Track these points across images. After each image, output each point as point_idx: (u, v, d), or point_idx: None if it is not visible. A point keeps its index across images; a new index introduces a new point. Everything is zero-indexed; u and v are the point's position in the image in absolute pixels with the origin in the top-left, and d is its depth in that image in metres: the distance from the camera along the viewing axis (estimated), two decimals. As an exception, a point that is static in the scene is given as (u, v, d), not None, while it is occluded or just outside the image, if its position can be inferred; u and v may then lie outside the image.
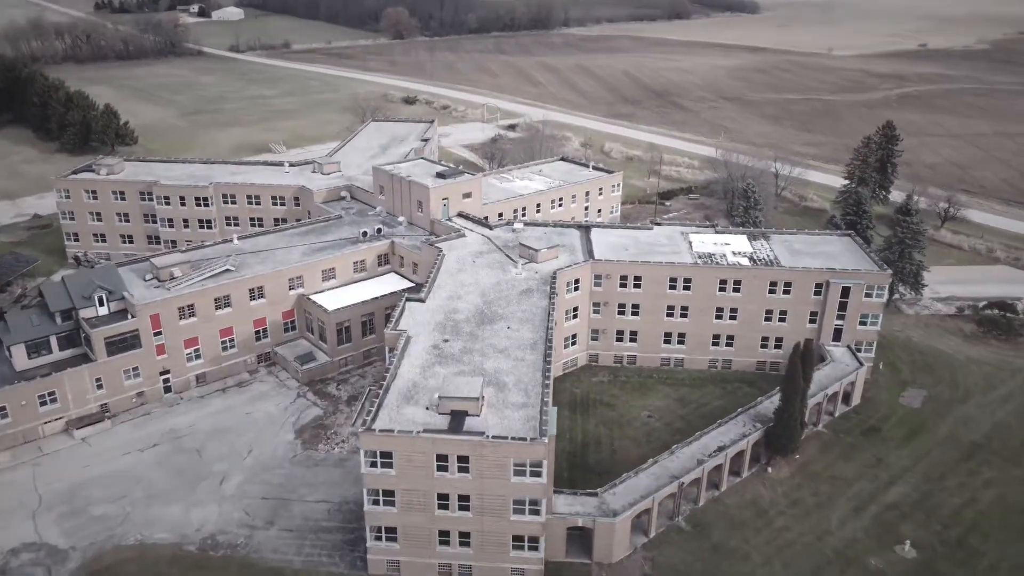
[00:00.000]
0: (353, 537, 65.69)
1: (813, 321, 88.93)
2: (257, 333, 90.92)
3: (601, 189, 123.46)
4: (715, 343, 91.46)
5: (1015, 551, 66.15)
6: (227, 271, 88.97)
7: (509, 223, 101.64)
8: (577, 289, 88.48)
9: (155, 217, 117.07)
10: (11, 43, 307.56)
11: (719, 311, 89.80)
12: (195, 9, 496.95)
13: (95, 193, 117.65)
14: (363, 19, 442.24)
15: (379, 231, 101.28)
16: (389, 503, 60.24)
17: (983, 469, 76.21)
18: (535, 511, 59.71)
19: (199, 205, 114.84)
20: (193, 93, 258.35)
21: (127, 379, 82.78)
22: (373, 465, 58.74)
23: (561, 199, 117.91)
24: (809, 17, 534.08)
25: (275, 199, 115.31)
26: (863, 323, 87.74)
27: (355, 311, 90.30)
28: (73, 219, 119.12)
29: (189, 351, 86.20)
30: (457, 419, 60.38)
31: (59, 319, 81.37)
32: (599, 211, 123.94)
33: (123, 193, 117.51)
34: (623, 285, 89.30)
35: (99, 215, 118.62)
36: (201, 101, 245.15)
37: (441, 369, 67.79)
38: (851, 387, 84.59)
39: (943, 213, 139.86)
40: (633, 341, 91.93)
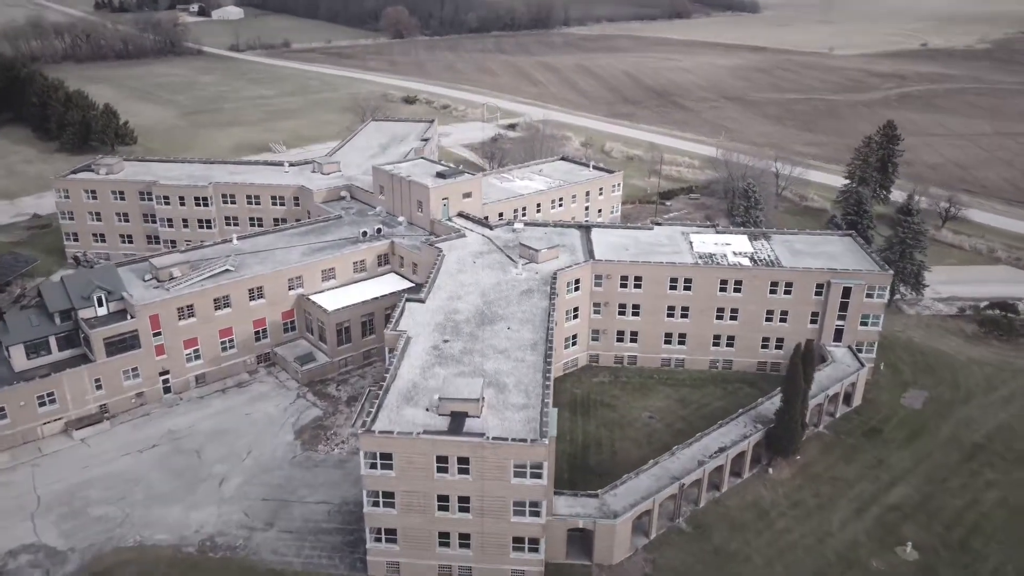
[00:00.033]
0: (353, 539, 65.50)
1: (814, 322, 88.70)
2: (257, 333, 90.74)
3: (601, 189, 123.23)
4: (716, 343, 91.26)
5: (1018, 553, 65.93)
6: (226, 271, 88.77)
7: (509, 223, 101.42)
8: (577, 289, 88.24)
9: (155, 217, 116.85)
10: (10, 42, 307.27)
11: (720, 311, 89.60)
12: (195, 8, 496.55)
13: (94, 193, 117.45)
14: (363, 18, 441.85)
15: (379, 231, 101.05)
16: (389, 504, 60.09)
17: (985, 470, 75.99)
18: (535, 513, 59.55)
19: (198, 205, 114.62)
20: (193, 93, 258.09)
21: (126, 380, 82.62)
22: (373, 467, 58.56)
23: (561, 199, 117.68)
24: (810, 16, 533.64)
25: (275, 199, 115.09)
26: (864, 323, 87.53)
27: (355, 311, 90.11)
28: (72, 219, 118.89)
29: (188, 352, 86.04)
30: (457, 420, 60.19)
31: (58, 319, 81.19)
32: (599, 211, 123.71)
33: (122, 193, 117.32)
34: (623, 285, 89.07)
35: (98, 215, 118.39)
36: (201, 101, 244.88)
37: (441, 370, 67.58)
38: (852, 388, 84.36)
39: (944, 213, 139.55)
40: (634, 341, 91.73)
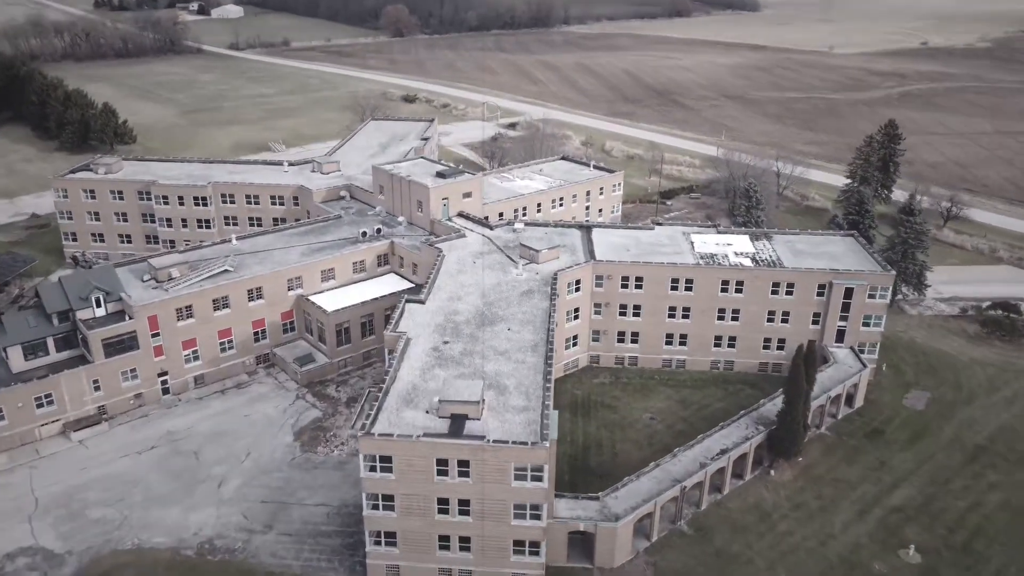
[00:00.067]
0: (352, 541, 65.10)
1: (816, 322, 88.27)
2: (256, 334, 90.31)
3: (602, 188, 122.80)
4: (717, 344, 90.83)
5: (1021, 555, 65.50)
6: (225, 272, 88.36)
7: (510, 223, 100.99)
8: (578, 290, 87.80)
9: (153, 217, 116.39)
10: (10, 41, 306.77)
11: (721, 312, 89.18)
12: (194, 7, 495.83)
13: (93, 192, 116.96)
14: (363, 17, 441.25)
15: (379, 231, 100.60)
16: (388, 507, 59.66)
17: (988, 472, 75.59)
18: (536, 516, 59.15)
19: (197, 205, 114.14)
20: (192, 91, 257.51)
21: (125, 381, 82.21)
22: (372, 469, 58.14)
23: (562, 199, 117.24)
24: (810, 15, 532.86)
25: (274, 199, 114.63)
26: (866, 324, 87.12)
27: (354, 312, 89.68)
28: (71, 219, 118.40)
29: (187, 352, 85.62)
30: (457, 423, 59.81)
31: (56, 320, 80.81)
32: (600, 210, 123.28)
33: (121, 193, 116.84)
34: (624, 286, 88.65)
35: (97, 215, 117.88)
36: (200, 99, 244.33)
37: (441, 372, 67.19)
38: (854, 389, 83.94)
39: (946, 212, 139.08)
40: (635, 342, 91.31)
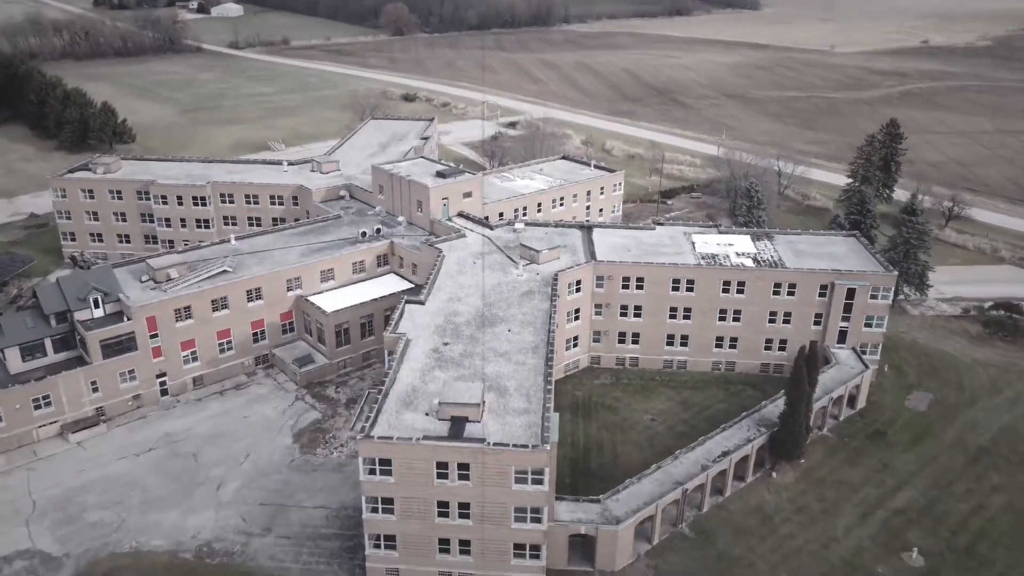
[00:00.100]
0: (352, 544, 64.69)
1: (818, 323, 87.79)
2: (255, 335, 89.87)
3: (603, 188, 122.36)
4: (718, 345, 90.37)
5: (1024, 558, 65.25)
6: (224, 272, 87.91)
7: (510, 223, 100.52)
8: (579, 291, 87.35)
9: (152, 216, 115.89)
10: (9, 39, 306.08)
11: (722, 313, 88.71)
12: (194, 5, 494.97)
13: (91, 192, 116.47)
14: (363, 15, 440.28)
15: (378, 231, 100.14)
16: (388, 511, 59.29)
17: (991, 474, 75.17)
18: (536, 519, 58.74)
19: (196, 204, 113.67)
20: (192, 90, 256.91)
21: (123, 382, 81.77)
22: (372, 472, 57.75)
23: (562, 198, 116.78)
24: (810, 14, 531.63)
25: (273, 198, 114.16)
26: (868, 325, 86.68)
27: (354, 313, 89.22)
28: (69, 218, 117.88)
29: (186, 353, 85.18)
30: (457, 425, 59.37)
31: (54, 321, 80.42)
32: (600, 210, 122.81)
33: (120, 192, 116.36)
34: (625, 286, 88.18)
35: (96, 214, 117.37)
36: (200, 98, 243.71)
37: (441, 373, 66.74)
38: (856, 390, 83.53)
39: (947, 212, 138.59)
40: (635, 343, 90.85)
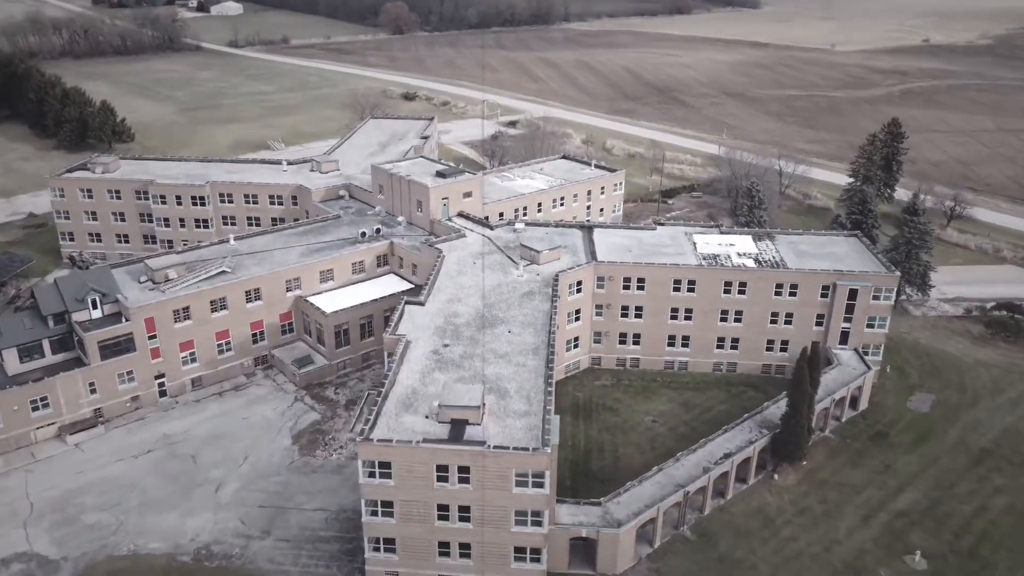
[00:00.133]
0: (351, 547, 64.32)
1: (819, 324, 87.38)
2: (254, 336, 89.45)
3: (603, 188, 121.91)
4: (720, 346, 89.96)
5: (1027, 561, 64.88)
6: (223, 273, 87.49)
7: (510, 223, 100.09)
8: (579, 291, 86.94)
9: (151, 216, 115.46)
10: (8, 38, 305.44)
11: (724, 313, 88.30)
12: (193, 4, 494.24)
13: (90, 192, 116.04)
14: (362, 14, 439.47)
15: (378, 231, 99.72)
16: (388, 514, 58.93)
17: (993, 476, 74.81)
18: (537, 522, 58.39)
19: (195, 204, 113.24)
20: (191, 89, 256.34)
21: (121, 383, 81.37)
22: (371, 475, 57.39)
23: (563, 198, 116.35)
24: (811, 12, 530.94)
25: (273, 198, 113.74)
26: (870, 326, 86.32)
27: (353, 313, 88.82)
28: (68, 218, 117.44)
29: (184, 354, 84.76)
30: (457, 428, 58.96)
31: (52, 322, 79.97)
32: (601, 210, 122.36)
33: (119, 192, 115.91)
34: (626, 287, 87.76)
35: (94, 214, 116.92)
36: (199, 97, 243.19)
37: (441, 375, 66.36)
38: (858, 391, 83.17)
39: (949, 212, 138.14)
40: (636, 344, 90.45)
